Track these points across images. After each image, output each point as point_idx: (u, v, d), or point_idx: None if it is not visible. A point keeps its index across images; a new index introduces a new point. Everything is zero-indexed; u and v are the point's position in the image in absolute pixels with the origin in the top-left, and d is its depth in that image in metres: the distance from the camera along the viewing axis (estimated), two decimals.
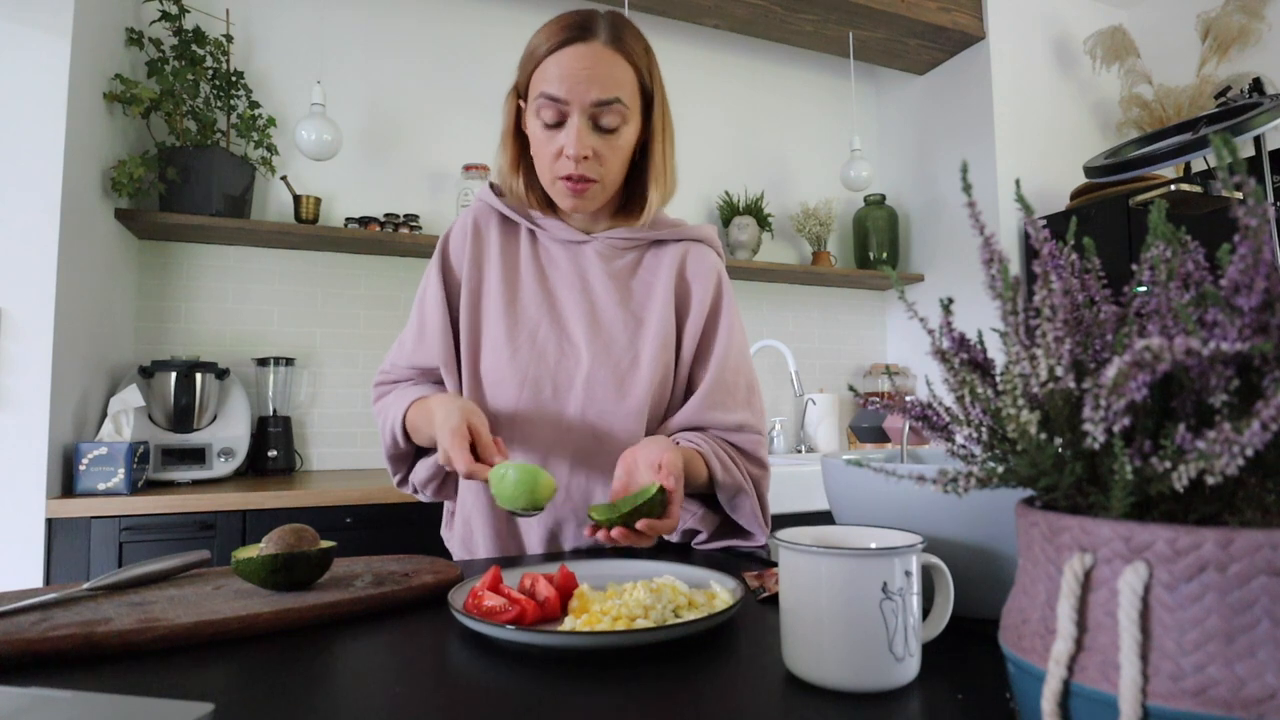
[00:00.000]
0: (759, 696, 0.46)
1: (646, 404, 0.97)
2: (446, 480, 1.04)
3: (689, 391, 1.04)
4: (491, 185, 1.07)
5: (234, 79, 2.11)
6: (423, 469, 1.02)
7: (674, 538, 1.01)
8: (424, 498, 1.05)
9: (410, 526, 1.79)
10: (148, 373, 1.87)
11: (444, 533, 1.09)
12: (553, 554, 0.96)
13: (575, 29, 0.90)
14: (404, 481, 1.06)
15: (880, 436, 1.93)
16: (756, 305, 2.88)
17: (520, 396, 0.96)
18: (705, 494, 1.00)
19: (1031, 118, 2.71)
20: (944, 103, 2.84)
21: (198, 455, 1.87)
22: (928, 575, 0.51)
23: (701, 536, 1.00)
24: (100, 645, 0.53)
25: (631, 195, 1.03)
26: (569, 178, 0.93)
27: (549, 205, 1.03)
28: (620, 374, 0.97)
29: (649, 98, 0.97)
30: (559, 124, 0.91)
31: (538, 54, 0.91)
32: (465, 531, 1.01)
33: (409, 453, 1.03)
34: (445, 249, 1.05)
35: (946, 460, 0.76)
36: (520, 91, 0.97)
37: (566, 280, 1.02)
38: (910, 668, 0.46)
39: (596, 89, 0.89)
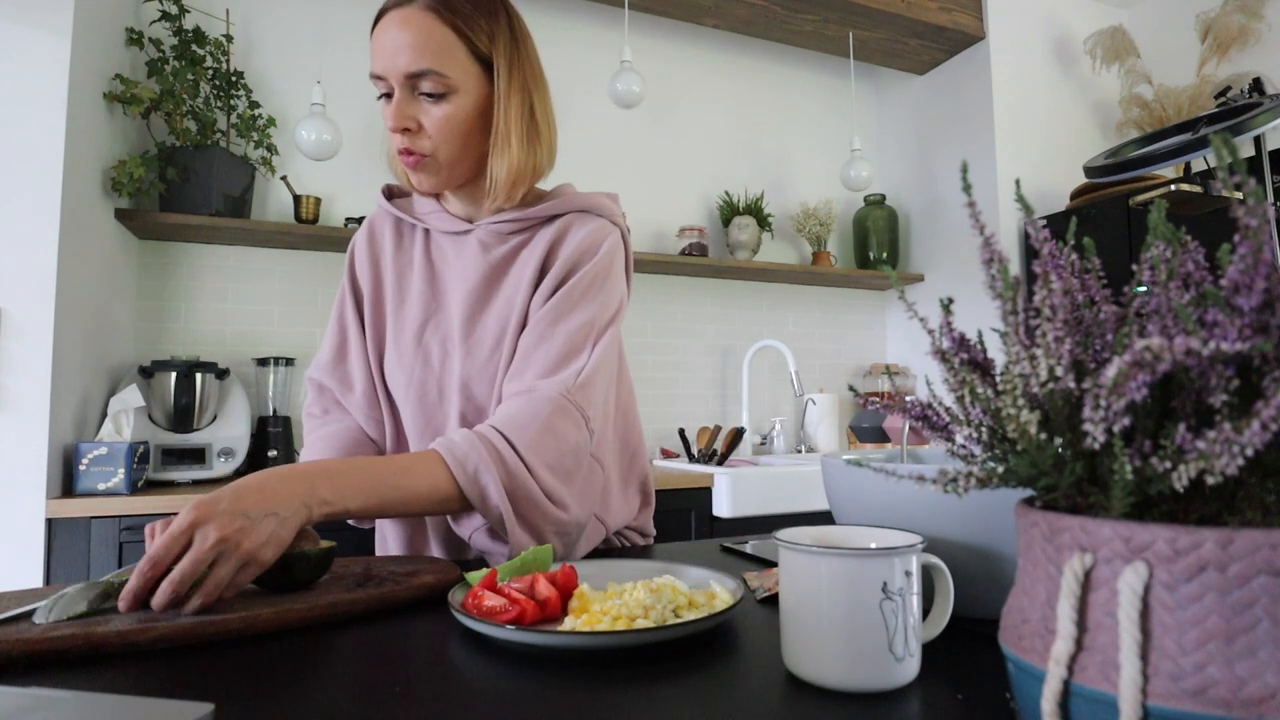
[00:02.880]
0: (759, 696, 0.46)
1: None
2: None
3: None
4: (385, 187, 1.04)
5: (234, 79, 2.11)
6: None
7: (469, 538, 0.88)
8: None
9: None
10: (148, 373, 1.87)
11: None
12: (470, 560, 0.93)
13: (391, 2, 0.84)
14: None
15: (880, 436, 1.93)
16: (756, 305, 2.88)
17: (407, 400, 0.95)
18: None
19: (1031, 118, 2.71)
20: (944, 103, 2.84)
21: (198, 455, 1.87)
22: (928, 575, 0.51)
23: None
24: (100, 645, 0.53)
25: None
26: (402, 153, 0.87)
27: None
28: (491, 375, 0.92)
29: (489, 62, 0.88)
30: (390, 104, 0.86)
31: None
32: (379, 536, 1.00)
33: None
34: (352, 267, 1.03)
35: (946, 460, 0.76)
36: None
37: (454, 275, 0.97)
38: (910, 668, 0.46)
39: (403, 59, 0.82)
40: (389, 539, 0.99)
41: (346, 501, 0.72)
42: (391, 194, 1.04)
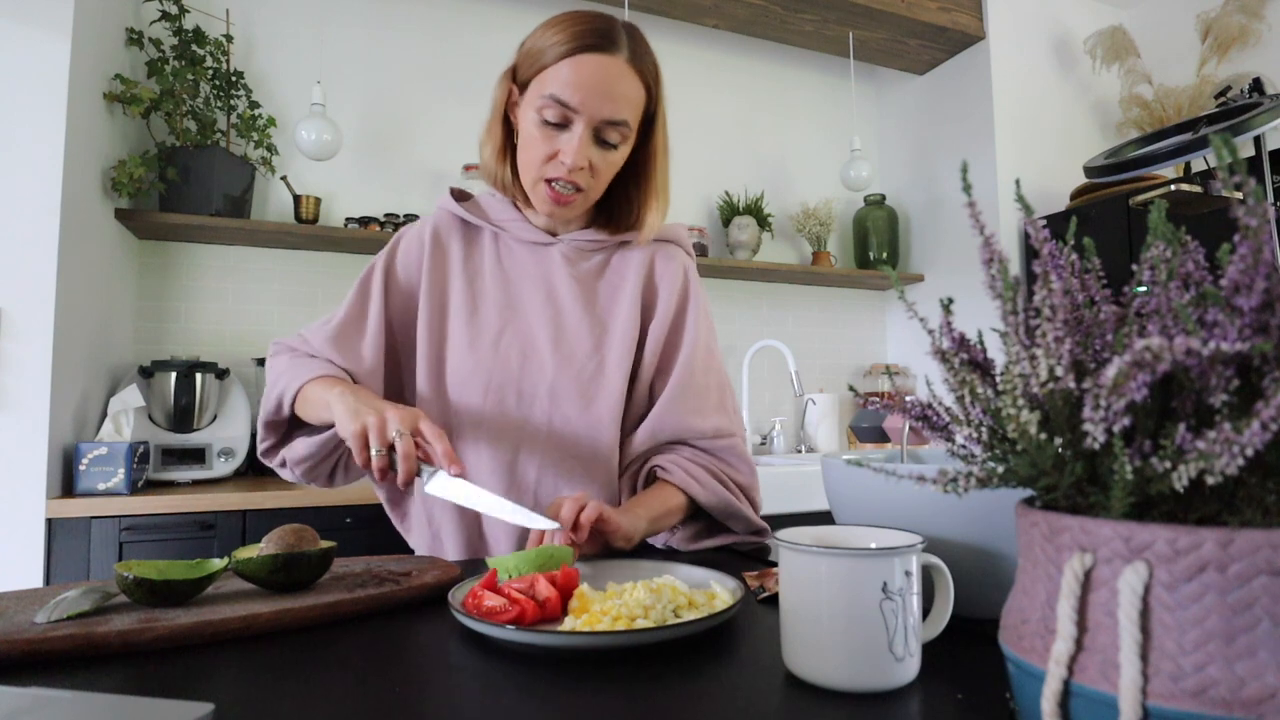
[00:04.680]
0: (759, 696, 0.46)
1: (615, 411, 0.96)
2: (321, 465, 0.97)
3: (653, 396, 1.02)
4: (453, 191, 1.05)
5: (234, 79, 2.11)
6: (302, 446, 0.95)
7: (662, 547, 1.00)
8: (289, 475, 0.98)
9: None
10: (148, 373, 1.87)
11: (399, 526, 1.05)
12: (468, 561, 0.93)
13: (598, 36, 0.87)
14: (272, 451, 0.98)
15: (880, 436, 1.93)
16: (756, 305, 2.88)
17: (485, 403, 0.95)
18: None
19: (1031, 118, 2.71)
20: (944, 103, 2.84)
21: (198, 455, 1.87)
22: (928, 575, 0.51)
23: (695, 545, 0.98)
24: (100, 645, 0.53)
25: (610, 205, 1.02)
26: (554, 183, 0.91)
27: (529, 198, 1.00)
28: (584, 381, 0.96)
29: (650, 115, 0.95)
30: (559, 127, 0.89)
31: (552, 51, 0.87)
32: (434, 543, 0.99)
33: (284, 423, 0.96)
34: (393, 258, 1.01)
35: (946, 460, 0.76)
36: (517, 78, 0.93)
37: (531, 283, 1.00)
38: (910, 668, 0.46)
39: (610, 107, 0.88)
40: (446, 545, 0.97)
41: (649, 527, 0.90)
42: (453, 196, 1.05)
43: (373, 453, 0.76)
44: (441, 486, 0.77)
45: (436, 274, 1.00)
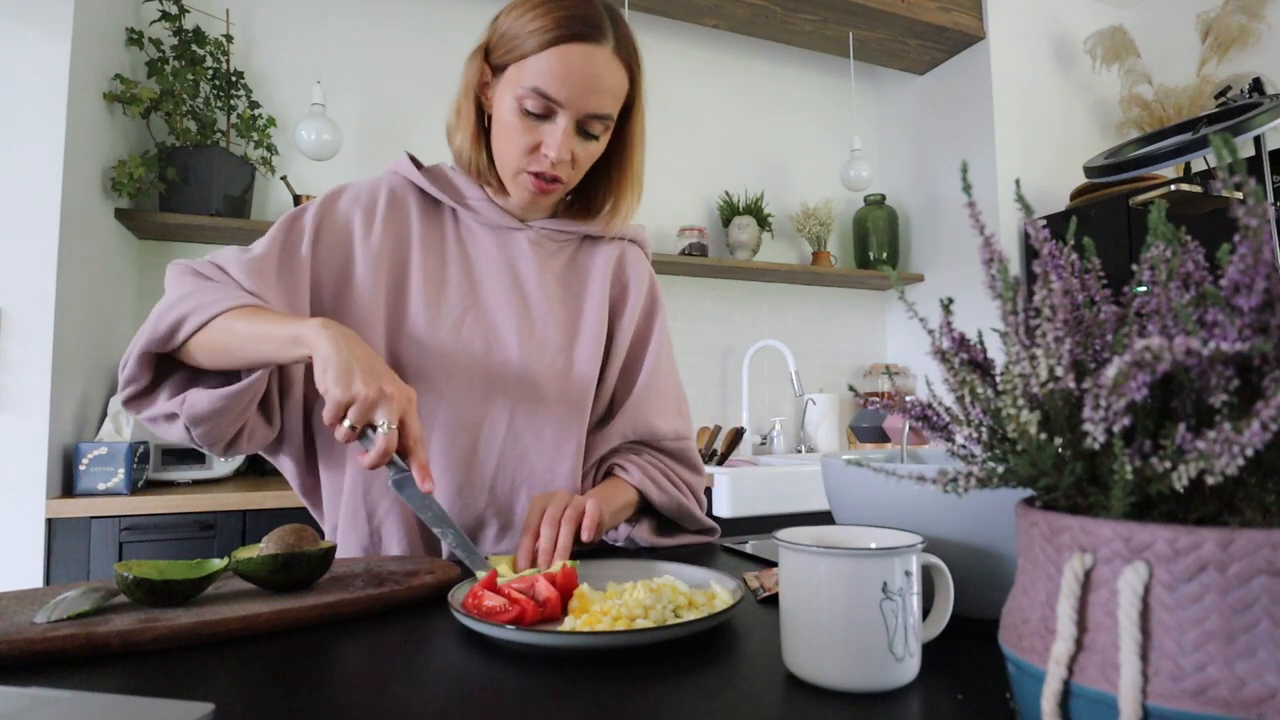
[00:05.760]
0: (759, 696, 0.46)
1: (585, 408, 0.95)
2: (228, 427, 0.81)
3: (614, 397, 1.02)
4: (411, 157, 0.98)
5: (234, 79, 2.11)
6: (206, 400, 0.78)
7: (620, 542, 1.00)
8: (174, 435, 0.82)
9: None
10: None
11: (311, 512, 0.98)
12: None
13: (583, 24, 0.82)
14: (144, 398, 0.82)
15: (880, 436, 1.93)
16: (756, 305, 2.88)
17: (444, 391, 0.90)
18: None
19: (1031, 118, 2.71)
20: (944, 103, 2.84)
21: (198, 455, 1.87)
22: (928, 575, 0.51)
23: (653, 540, 0.99)
24: (100, 645, 0.53)
25: (583, 193, 1.00)
26: (539, 176, 0.88)
27: (502, 185, 0.95)
28: (554, 376, 0.94)
29: (630, 104, 0.91)
30: (540, 117, 0.85)
31: (534, 39, 0.82)
32: (373, 539, 0.91)
33: (154, 359, 0.81)
34: (331, 208, 0.92)
35: (946, 460, 0.76)
36: (490, 59, 0.89)
37: (493, 269, 0.95)
38: (910, 668, 0.46)
39: (596, 100, 0.84)
40: (389, 543, 0.93)
41: (610, 520, 0.90)
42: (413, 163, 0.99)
43: (345, 425, 0.71)
44: (405, 489, 0.75)
45: (395, 238, 0.93)
